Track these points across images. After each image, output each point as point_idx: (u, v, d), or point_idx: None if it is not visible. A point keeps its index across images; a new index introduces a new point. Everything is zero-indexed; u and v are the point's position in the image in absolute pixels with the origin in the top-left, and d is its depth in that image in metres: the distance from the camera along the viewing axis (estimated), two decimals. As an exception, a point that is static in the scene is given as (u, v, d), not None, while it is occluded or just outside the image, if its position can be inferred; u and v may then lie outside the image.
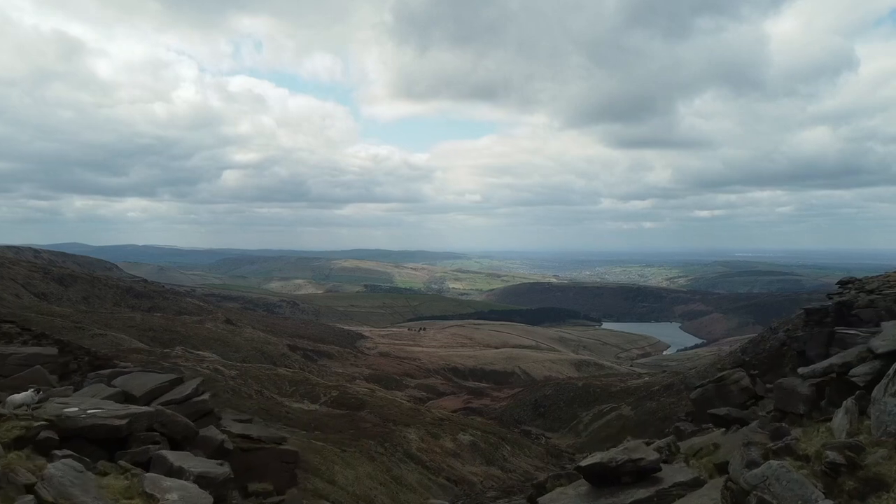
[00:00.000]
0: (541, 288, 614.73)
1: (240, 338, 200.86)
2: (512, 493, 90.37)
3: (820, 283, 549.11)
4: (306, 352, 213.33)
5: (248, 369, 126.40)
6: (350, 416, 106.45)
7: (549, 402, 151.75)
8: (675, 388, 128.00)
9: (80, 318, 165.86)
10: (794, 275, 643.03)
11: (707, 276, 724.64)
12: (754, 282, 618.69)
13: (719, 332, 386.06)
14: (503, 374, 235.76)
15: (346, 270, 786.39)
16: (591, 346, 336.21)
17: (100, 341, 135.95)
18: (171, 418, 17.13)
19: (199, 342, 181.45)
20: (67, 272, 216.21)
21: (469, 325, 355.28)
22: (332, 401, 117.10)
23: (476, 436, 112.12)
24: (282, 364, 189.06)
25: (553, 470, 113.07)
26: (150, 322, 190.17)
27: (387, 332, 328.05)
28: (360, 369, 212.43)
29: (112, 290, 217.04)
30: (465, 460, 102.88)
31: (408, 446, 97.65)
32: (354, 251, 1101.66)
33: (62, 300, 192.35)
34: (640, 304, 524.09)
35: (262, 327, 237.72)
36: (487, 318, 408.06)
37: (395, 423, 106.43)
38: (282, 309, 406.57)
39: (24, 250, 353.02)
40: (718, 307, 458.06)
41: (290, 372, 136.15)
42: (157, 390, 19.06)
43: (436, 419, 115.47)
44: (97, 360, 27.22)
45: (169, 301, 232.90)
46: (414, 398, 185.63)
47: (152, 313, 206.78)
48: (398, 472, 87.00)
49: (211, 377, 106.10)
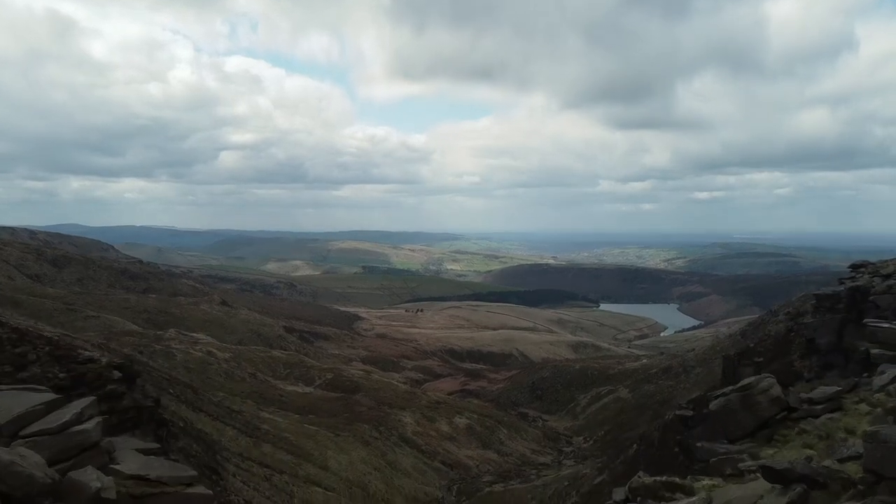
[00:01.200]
0: (539, 269, 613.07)
1: (235, 319, 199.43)
2: (508, 477, 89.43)
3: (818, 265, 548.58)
4: (302, 333, 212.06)
5: (242, 352, 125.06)
6: (345, 400, 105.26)
7: (546, 384, 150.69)
8: (674, 371, 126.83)
9: (72, 300, 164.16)
10: (793, 257, 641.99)
11: (705, 257, 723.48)
12: (752, 263, 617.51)
13: (717, 314, 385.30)
14: (500, 356, 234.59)
15: (344, 252, 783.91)
16: (589, 327, 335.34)
17: (92, 324, 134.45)
18: (7, 469, 11.58)
19: (195, 324, 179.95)
20: (61, 253, 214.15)
21: (467, 306, 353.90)
22: (326, 384, 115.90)
23: (472, 419, 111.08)
24: (278, 346, 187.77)
25: (550, 453, 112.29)
26: (145, 304, 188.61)
27: (384, 314, 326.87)
28: (356, 351, 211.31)
29: (107, 272, 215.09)
30: (461, 444, 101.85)
31: (403, 430, 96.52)
32: (352, 232, 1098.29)
33: (56, 282, 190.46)
34: (638, 286, 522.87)
35: (257, 309, 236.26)
36: (485, 299, 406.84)
37: (391, 406, 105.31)
38: (279, 290, 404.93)
39: (19, 231, 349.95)
40: (717, 289, 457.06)
41: (285, 354, 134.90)
42: (27, 416, 13.28)
43: (431, 402, 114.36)
44: (58, 350, 25.43)
45: (164, 282, 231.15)
46: (410, 380, 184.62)
47: (147, 295, 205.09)
48: (393, 457, 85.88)
49: (203, 360, 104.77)
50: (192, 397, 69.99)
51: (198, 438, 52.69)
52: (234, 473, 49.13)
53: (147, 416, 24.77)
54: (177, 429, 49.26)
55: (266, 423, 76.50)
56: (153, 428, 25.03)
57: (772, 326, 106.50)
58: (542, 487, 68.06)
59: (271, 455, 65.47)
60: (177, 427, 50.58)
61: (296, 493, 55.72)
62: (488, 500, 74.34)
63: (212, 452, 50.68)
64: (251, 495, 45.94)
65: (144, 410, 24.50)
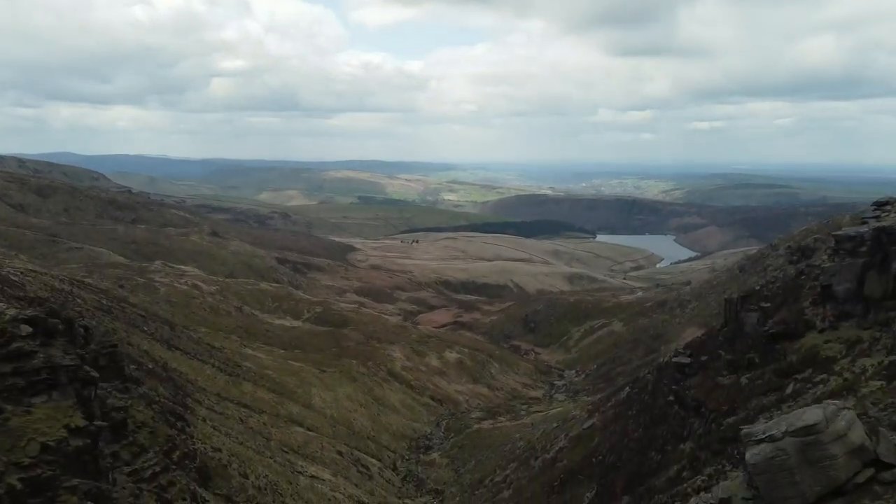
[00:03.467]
0: (536, 200, 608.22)
1: (226, 251, 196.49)
2: (497, 413, 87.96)
3: (818, 197, 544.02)
4: (295, 265, 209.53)
5: (229, 284, 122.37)
6: (333, 334, 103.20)
7: (539, 317, 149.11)
8: (669, 305, 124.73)
9: (57, 231, 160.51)
10: (792, 188, 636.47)
11: (704, 188, 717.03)
12: (751, 195, 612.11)
13: (714, 246, 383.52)
14: (495, 287, 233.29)
15: (339, 181, 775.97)
16: (584, 258, 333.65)
17: (75, 255, 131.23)
18: None
19: (184, 255, 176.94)
20: (46, 182, 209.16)
21: (462, 237, 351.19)
22: (315, 317, 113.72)
23: (463, 353, 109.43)
24: (269, 278, 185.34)
25: (541, 387, 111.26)
26: (133, 234, 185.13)
27: (379, 245, 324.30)
28: (350, 282, 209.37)
29: (94, 202, 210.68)
30: (451, 379, 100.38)
31: (392, 365, 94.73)
32: (348, 162, 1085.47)
33: (41, 212, 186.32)
34: (635, 217, 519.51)
35: (249, 240, 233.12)
36: (481, 230, 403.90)
37: (380, 340, 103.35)
38: (273, 221, 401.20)
39: (7, 160, 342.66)
40: (714, 220, 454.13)
41: (274, 287, 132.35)
42: None
43: (422, 336, 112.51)
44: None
45: (153, 213, 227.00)
46: (404, 311, 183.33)
47: (136, 225, 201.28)
48: (380, 393, 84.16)
49: (188, 293, 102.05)
50: (168, 335, 67.34)
51: (168, 380, 50.11)
52: (204, 418, 46.66)
53: (68, 377, 21.68)
54: (143, 371, 46.56)
55: (248, 361, 74.24)
56: (76, 389, 21.98)
57: (772, 261, 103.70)
58: (530, 427, 66.37)
59: (251, 394, 63.30)
60: (144, 370, 47.89)
61: (273, 435, 53.60)
62: (476, 437, 72.88)
63: (182, 395, 48.14)
64: (221, 441, 43.53)
65: (62, 370, 21.39)
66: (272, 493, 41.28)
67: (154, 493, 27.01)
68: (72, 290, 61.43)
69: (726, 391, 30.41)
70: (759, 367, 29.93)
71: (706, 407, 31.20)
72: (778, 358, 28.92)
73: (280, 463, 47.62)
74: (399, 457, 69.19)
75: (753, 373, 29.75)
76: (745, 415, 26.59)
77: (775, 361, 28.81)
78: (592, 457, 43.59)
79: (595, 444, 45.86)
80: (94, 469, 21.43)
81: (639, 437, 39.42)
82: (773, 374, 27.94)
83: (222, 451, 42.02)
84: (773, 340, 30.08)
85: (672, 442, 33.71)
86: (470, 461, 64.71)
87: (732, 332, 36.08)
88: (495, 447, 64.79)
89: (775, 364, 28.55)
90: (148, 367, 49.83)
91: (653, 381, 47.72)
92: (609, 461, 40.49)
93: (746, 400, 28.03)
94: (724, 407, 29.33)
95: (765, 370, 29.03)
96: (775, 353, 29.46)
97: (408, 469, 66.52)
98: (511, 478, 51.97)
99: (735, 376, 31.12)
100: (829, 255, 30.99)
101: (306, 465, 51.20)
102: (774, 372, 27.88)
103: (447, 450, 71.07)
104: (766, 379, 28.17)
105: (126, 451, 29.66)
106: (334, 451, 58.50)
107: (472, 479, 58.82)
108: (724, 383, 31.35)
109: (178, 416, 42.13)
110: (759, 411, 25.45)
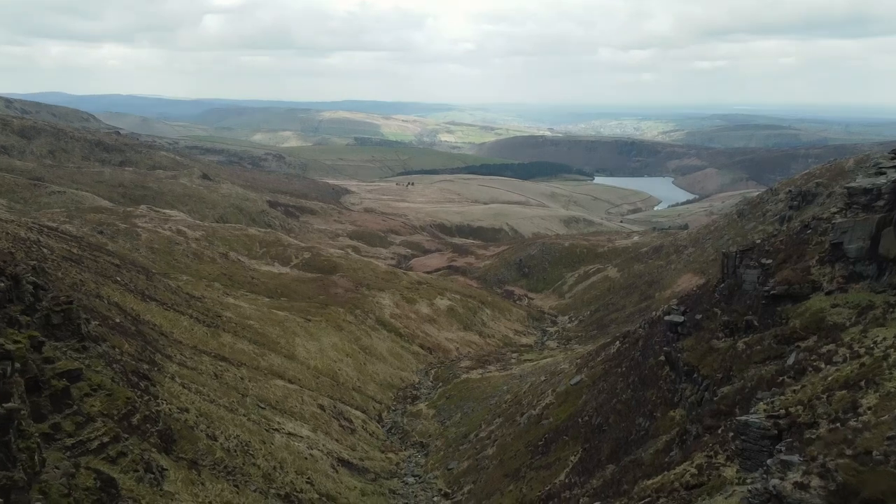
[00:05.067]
0: (534, 142, 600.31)
1: (216, 194, 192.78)
2: (487, 362, 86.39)
3: (818, 138, 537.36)
4: (287, 208, 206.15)
5: (216, 230, 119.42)
6: (321, 281, 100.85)
7: (534, 261, 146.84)
8: (665, 250, 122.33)
9: (41, 174, 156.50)
10: (793, 129, 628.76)
11: (704, 129, 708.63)
12: (752, 136, 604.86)
13: (712, 188, 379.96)
14: (490, 230, 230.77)
15: (335, 122, 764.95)
16: (581, 201, 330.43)
17: (57, 199, 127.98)
18: None
19: (173, 199, 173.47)
20: (30, 124, 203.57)
21: (459, 179, 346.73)
22: (303, 263, 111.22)
23: (454, 300, 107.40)
24: (261, 221, 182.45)
25: (533, 333, 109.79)
26: (121, 177, 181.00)
27: (374, 187, 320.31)
28: (343, 226, 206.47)
29: (80, 144, 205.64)
30: (442, 326, 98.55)
31: (380, 313, 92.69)
32: (344, 102, 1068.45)
33: (25, 154, 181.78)
34: (633, 159, 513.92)
35: (241, 182, 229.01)
36: (478, 172, 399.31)
37: (369, 287, 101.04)
38: (267, 163, 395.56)
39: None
40: (713, 162, 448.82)
41: (262, 232, 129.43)
42: None
43: (412, 283, 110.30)
44: None
45: (142, 155, 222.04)
46: (398, 256, 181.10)
47: (123, 168, 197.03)
48: (368, 342, 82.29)
49: (171, 239, 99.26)
50: (143, 285, 64.82)
51: (137, 335, 47.80)
52: (174, 375, 44.46)
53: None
54: (108, 327, 44.15)
55: (229, 310, 71.99)
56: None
57: (771, 206, 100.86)
58: (518, 378, 64.61)
59: (230, 346, 61.23)
60: (110, 325, 45.49)
61: (250, 390, 51.65)
62: (464, 387, 71.33)
63: (150, 351, 45.85)
64: (190, 400, 41.43)
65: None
66: (242, 455, 39.45)
67: (93, 471, 24.72)
68: (38, 240, 58.57)
69: (721, 356, 28.02)
70: (757, 331, 27.47)
71: (699, 373, 28.90)
72: (779, 322, 26.44)
73: (254, 421, 45.76)
74: (385, 408, 67.75)
75: (751, 337, 27.31)
76: (742, 385, 24.27)
77: (776, 325, 26.35)
78: (579, 416, 41.71)
79: (582, 401, 43.95)
80: (6, 457, 19.07)
81: (627, 398, 37.37)
82: (773, 339, 25.49)
83: (190, 412, 39.99)
84: (774, 302, 27.53)
85: (661, 408, 31.61)
86: (456, 413, 63.23)
87: (730, 289, 33.52)
88: (482, 399, 63.21)
89: (776, 328, 26.09)
90: (115, 321, 47.46)
91: (644, 336, 45.47)
92: (596, 422, 38.58)
93: (743, 368, 25.65)
94: (719, 374, 27.03)
95: (764, 335, 26.57)
96: (776, 316, 26.96)
97: (393, 421, 65.16)
98: (496, 434, 50.34)
99: (731, 339, 28.71)
100: (839, 208, 28.18)
101: (284, 421, 49.43)
102: (775, 338, 25.43)
103: (434, 400, 69.62)
104: (765, 345, 25.74)
105: (69, 422, 27.37)
106: (315, 404, 56.77)
107: (458, 432, 57.31)
108: (719, 347, 28.95)
109: (142, 375, 39.92)
110: (756, 383, 23.07)
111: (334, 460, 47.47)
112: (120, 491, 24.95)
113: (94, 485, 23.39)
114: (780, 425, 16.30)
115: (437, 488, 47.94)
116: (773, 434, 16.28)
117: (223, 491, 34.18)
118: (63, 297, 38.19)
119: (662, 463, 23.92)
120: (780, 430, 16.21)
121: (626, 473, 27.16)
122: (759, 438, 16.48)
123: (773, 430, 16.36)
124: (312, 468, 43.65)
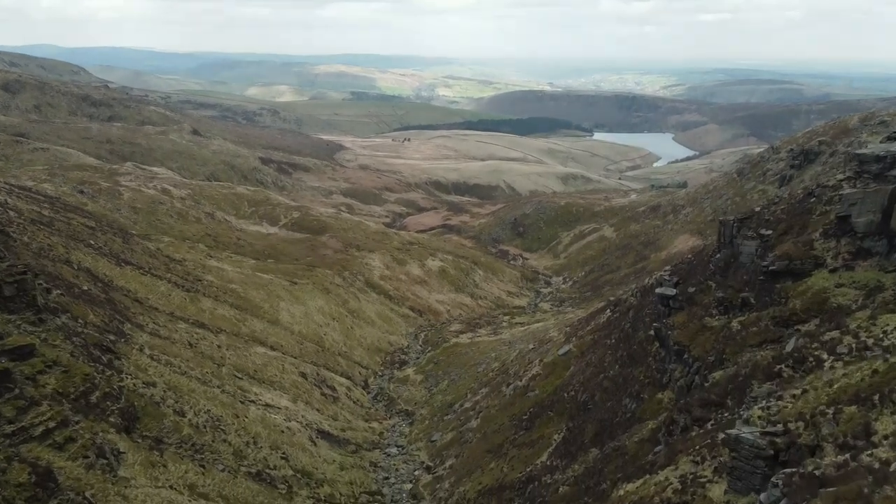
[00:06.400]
0: (533, 97, 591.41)
1: (207, 150, 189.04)
2: (477, 325, 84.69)
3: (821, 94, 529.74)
4: (280, 165, 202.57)
5: (202, 188, 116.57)
6: (310, 242, 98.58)
7: (529, 220, 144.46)
8: (662, 209, 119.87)
9: (25, 129, 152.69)
10: (796, 84, 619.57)
11: (705, 84, 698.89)
12: (754, 91, 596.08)
13: (712, 144, 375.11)
14: (487, 188, 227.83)
15: (331, 76, 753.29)
16: (580, 157, 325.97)
17: (40, 156, 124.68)
18: None
19: (162, 156, 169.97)
20: (14, 77, 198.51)
21: (456, 135, 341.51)
22: (292, 223, 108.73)
23: (446, 261, 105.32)
24: (252, 179, 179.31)
25: (527, 294, 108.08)
26: (108, 133, 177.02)
27: (369, 143, 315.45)
28: (337, 183, 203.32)
29: (66, 98, 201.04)
30: (433, 288, 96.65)
31: (369, 274, 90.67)
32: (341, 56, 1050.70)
33: (9, 109, 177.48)
34: (634, 114, 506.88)
35: (233, 139, 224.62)
36: (476, 128, 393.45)
37: (359, 248, 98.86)
38: (262, 118, 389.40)
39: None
40: (714, 117, 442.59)
41: (251, 191, 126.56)
42: None
43: (404, 243, 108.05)
44: None
45: (131, 110, 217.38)
46: (392, 214, 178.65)
47: (111, 123, 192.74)
48: (356, 305, 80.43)
49: (155, 199, 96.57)
50: (119, 248, 62.54)
51: (105, 303, 45.71)
52: (143, 346, 42.52)
53: None
54: (72, 296, 42.01)
55: (211, 274, 69.89)
56: None
57: (772, 165, 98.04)
58: (508, 345, 62.93)
59: (210, 312, 59.31)
60: (75, 293, 43.33)
61: (227, 359, 49.84)
62: (453, 352, 69.82)
63: (119, 321, 43.82)
64: (158, 373, 39.55)
65: None
66: (212, 431, 37.75)
67: (28, 464, 22.80)
68: (6, 201, 56.05)
69: (714, 336, 25.97)
70: (754, 310, 25.36)
71: (690, 353, 26.90)
72: (778, 300, 24.31)
73: (229, 393, 44.01)
74: (372, 373, 66.28)
75: (747, 316, 25.22)
76: (735, 371, 22.26)
77: (774, 305, 24.23)
78: (565, 391, 40.00)
79: (569, 374, 42.23)
80: None
81: (614, 375, 35.54)
82: (770, 321, 23.40)
83: (157, 386, 38.13)
84: (772, 278, 25.34)
85: (649, 389, 29.74)
86: (444, 379, 61.72)
87: (726, 260, 31.29)
88: (470, 366, 61.62)
89: (774, 308, 23.98)
90: (82, 289, 45.30)
91: (636, 306, 43.47)
92: (582, 399, 36.86)
93: (737, 351, 23.63)
94: (711, 357, 25.01)
95: (761, 315, 24.46)
96: (774, 294, 24.82)
97: (380, 387, 63.74)
98: (481, 405, 48.78)
99: (725, 318, 26.62)
100: (846, 176, 25.76)
101: (261, 391, 47.75)
102: (772, 319, 23.34)
103: (422, 365, 68.13)
104: (761, 326, 23.66)
105: (9, 407, 25.39)
106: (297, 372, 55.11)
107: (443, 401, 55.79)
108: (713, 325, 26.89)
109: (105, 348, 37.92)
110: (751, 370, 21.04)
111: (313, 432, 45.93)
112: (60, 484, 23.13)
113: (28, 479, 21.58)
114: (776, 444, 14.25)
115: (420, 461, 46.54)
116: (768, 455, 14.23)
117: (187, 472, 32.52)
118: (19, 266, 35.98)
119: (646, 460, 22.04)
120: (776, 451, 14.18)
121: (609, 463, 25.35)
122: (751, 458, 14.43)
123: (769, 449, 14.29)
124: (289, 442, 42.07)
